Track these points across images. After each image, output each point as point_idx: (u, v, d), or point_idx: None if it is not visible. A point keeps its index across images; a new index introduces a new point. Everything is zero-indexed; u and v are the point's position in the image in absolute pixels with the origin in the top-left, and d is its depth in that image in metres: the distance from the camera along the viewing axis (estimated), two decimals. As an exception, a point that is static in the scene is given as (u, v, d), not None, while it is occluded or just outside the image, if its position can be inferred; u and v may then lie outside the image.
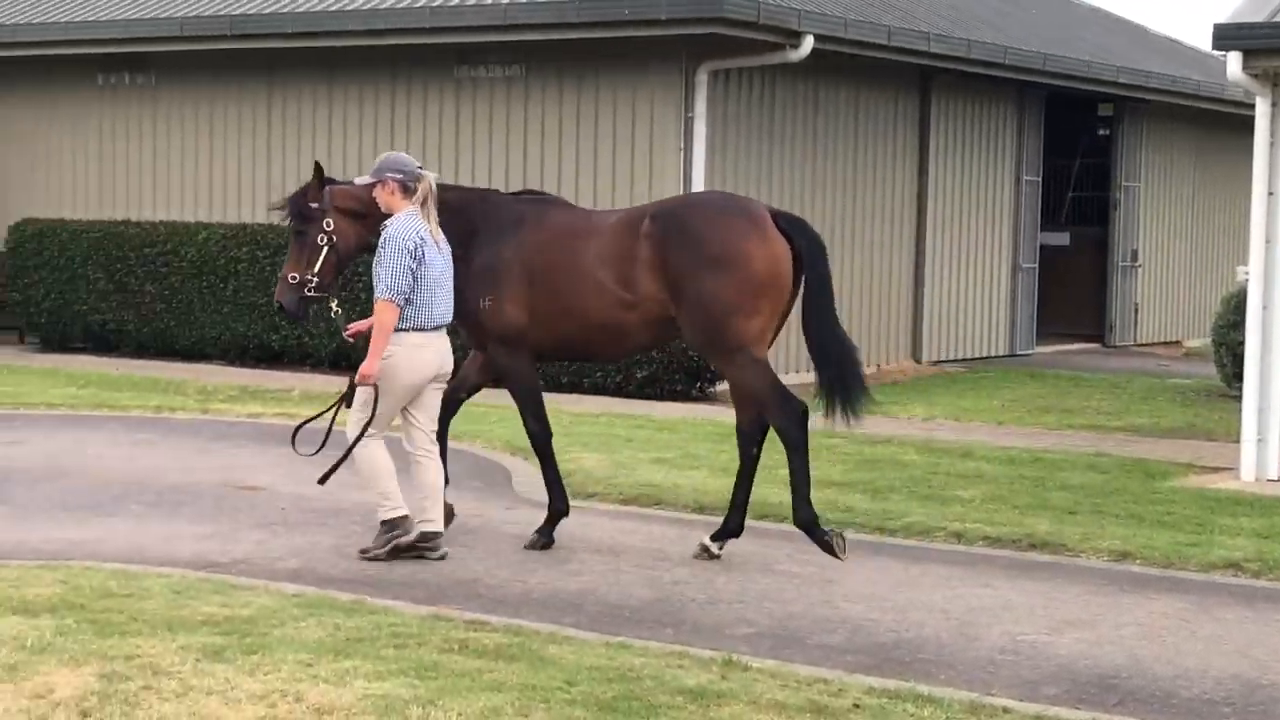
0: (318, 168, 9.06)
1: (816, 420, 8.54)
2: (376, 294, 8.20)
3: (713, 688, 5.89)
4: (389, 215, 8.38)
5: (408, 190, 8.35)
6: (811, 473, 8.49)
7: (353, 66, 17.57)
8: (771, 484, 10.50)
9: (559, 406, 14.23)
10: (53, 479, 10.38)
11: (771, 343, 8.69)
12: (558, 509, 8.84)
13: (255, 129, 18.33)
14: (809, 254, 8.54)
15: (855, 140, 18.12)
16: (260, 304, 17.28)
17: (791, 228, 8.58)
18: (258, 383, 15.99)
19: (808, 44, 15.57)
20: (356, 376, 8.23)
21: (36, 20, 18.96)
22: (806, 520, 8.42)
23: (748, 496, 8.66)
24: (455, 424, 9.26)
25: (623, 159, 16.11)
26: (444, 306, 8.35)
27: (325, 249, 8.73)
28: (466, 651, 6.26)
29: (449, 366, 8.48)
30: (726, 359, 8.52)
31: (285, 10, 17.21)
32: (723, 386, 15.86)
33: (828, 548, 8.35)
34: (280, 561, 8.14)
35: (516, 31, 16.02)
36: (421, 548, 8.25)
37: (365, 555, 8.29)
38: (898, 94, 18.63)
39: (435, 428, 8.53)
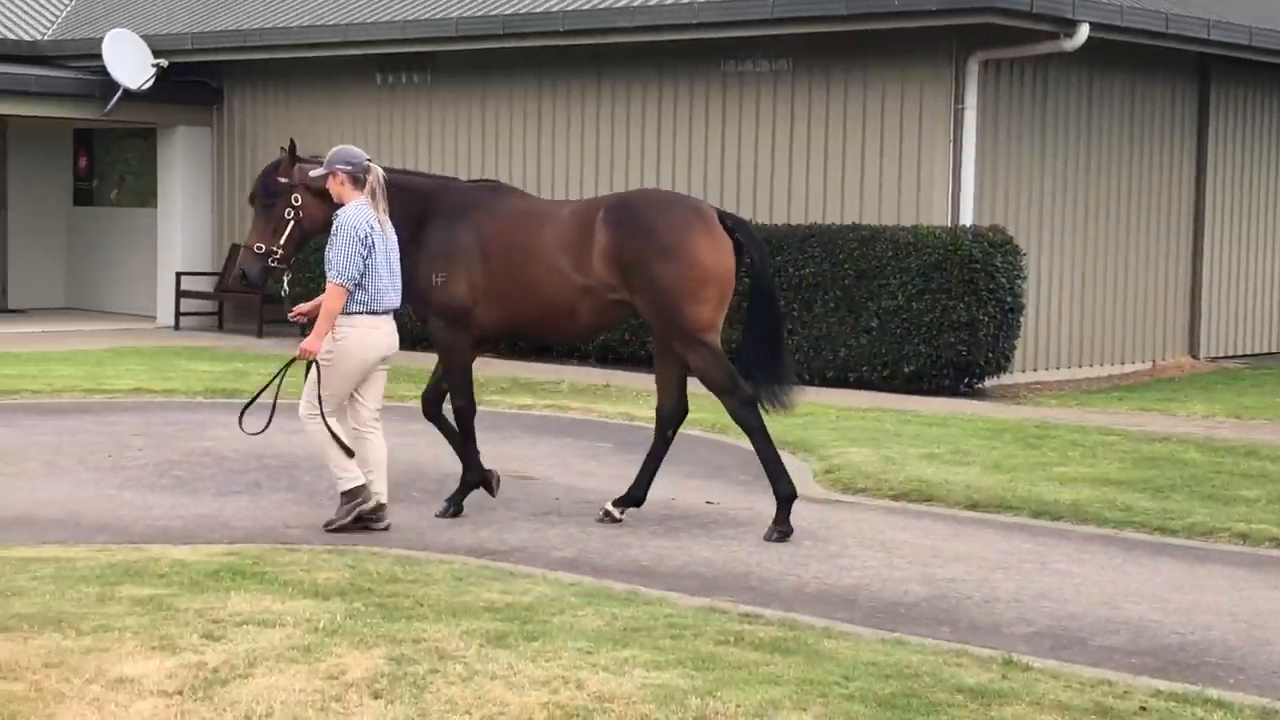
0: (291, 144, 9.64)
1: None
2: (329, 278, 8.59)
3: (993, 687, 5.81)
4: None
5: (357, 181, 8.80)
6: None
7: (620, 63, 17.76)
8: (1050, 481, 10.33)
9: (824, 400, 14.21)
10: (336, 467, 10.72)
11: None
12: (470, 480, 9.31)
13: (526, 126, 18.66)
14: (758, 256, 9.20)
15: (1130, 130, 17.67)
16: (530, 298, 17.59)
17: (736, 226, 9.17)
18: (527, 375, 16.28)
19: (1083, 33, 15.23)
20: (298, 351, 8.71)
21: (318, 23, 19.59)
22: (787, 494, 8.86)
23: (654, 473, 9.26)
24: (719, 418, 9.32)
25: (890, 152, 15.98)
26: (393, 292, 8.83)
27: (291, 223, 9.23)
28: (742, 644, 6.28)
29: (396, 349, 8.96)
30: (685, 344, 9.01)
31: (556, 9, 17.48)
32: (993, 382, 15.65)
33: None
34: (555, 550, 8.28)
35: (784, 25, 15.99)
36: (369, 519, 8.64)
37: (330, 527, 8.64)
38: (1174, 83, 18.11)
39: (380, 406, 9.01)
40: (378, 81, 19.92)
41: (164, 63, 20.74)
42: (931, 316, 15.03)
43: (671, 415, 9.31)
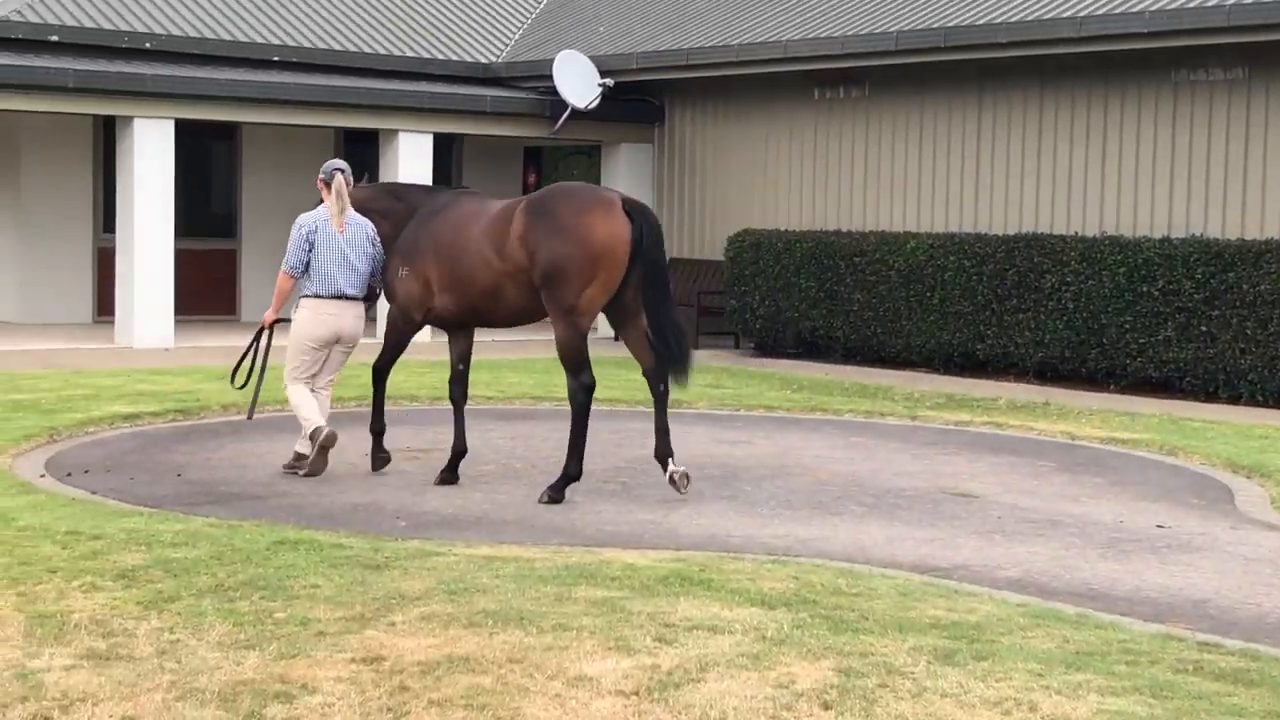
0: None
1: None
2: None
3: None
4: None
5: (326, 185, 10.58)
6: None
7: (1063, 74, 17.41)
8: None
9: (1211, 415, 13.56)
10: (776, 477, 10.87)
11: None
12: (457, 450, 10.48)
13: (964, 139, 18.50)
14: (646, 240, 9.77)
15: None
16: (966, 313, 17.44)
17: (634, 212, 9.81)
18: (964, 391, 16.13)
19: None
20: (261, 321, 10.86)
21: (758, 40, 19.89)
22: (574, 473, 9.88)
23: (665, 423, 10.10)
24: (1170, 438, 9.05)
25: (1355, 162, 15.15)
26: (344, 280, 10.44)
27: None
28: (1201, 673, 6.07)
29: (348, 332, 10.52)
30: (558, 315, 9.88)
31: (998, 20, 17.26)
32: None
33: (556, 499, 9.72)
34: (1000, 570, 8.17)
35: (1240, 34, 15.38)
36: (324, 446, 10.32)
37: (292, 468, 10.55)
38: None
39: (333, 378, 10.73)
40: (815, 96, 20.09)
41: (610, 82, 21.45)
42: (1399, 337, 14.17)
43: (655, 371, 10.10)
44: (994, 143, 18.22)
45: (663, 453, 10.07)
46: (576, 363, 9.99)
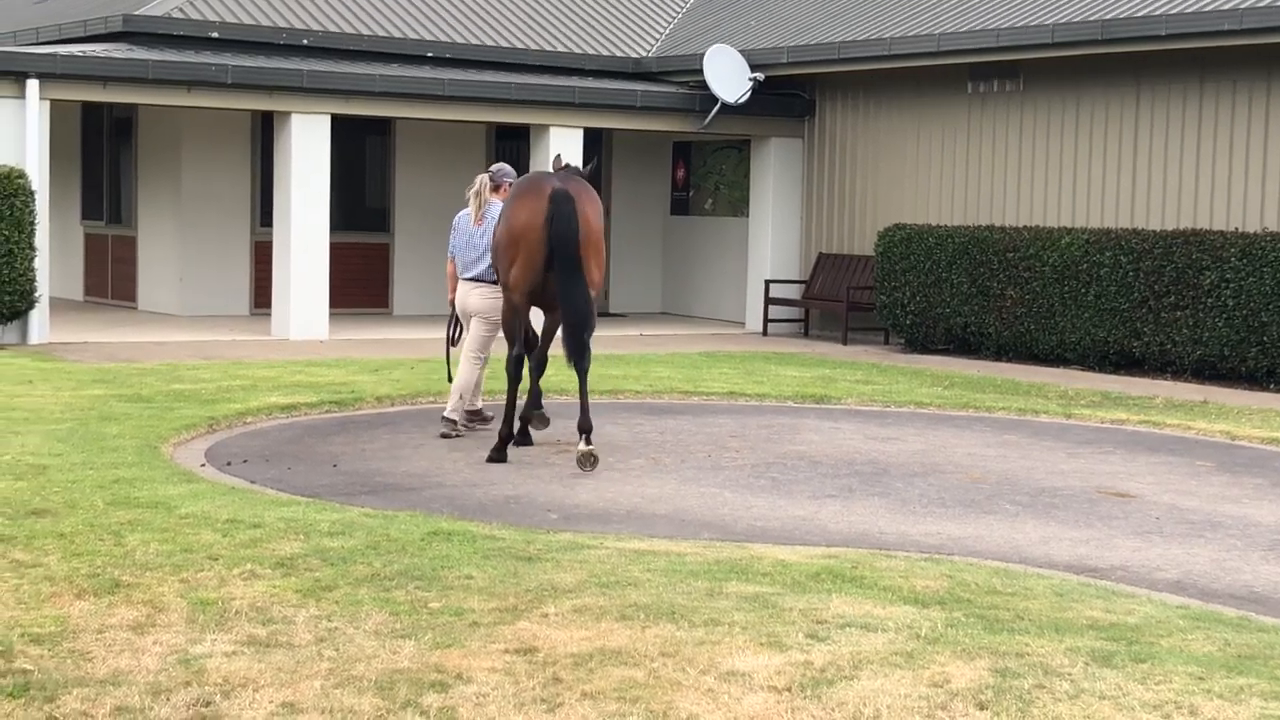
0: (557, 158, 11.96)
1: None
2: None
3: None
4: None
5: (495, 187, 11.97)
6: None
7: (1224, 67, 17.05)
8: None
9: None
10: (927, 474, 10.78)
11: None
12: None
13: (1121, 133, 18.19)
14: (555, 225, 10.60)
15: None
16: (1122, 309, 17.15)
17: (554, 199, 10.66)
18: (1119, 389, 15.87)
19: None
20: None
21: (910, 33, 19.73)
22: (505, 435, 11.02)
23: (583, 399, 10.79)
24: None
25: None
26: (467, 265, 11.87)
27: None
28: (1369, 680, 5.91)
29: (471, 308, 11.89)
30: (503, 293, 11.15)
31: (1158, 13, 16.95)
32: None
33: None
34: (1159, 571, 8.03)
35: None
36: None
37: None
38: None
39: (475, 352, 11.89)
40: (968, 90, 19.88)
41: (760, 76, 21.40)
42: None
43: (565, 353, 10.86)
44: (1152, 137, 17.89)
45: (580, 426, 10.74)
46: (508, 335, 11.22)
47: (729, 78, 21.30)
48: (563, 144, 20.62)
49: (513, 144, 23.09)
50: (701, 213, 24.44)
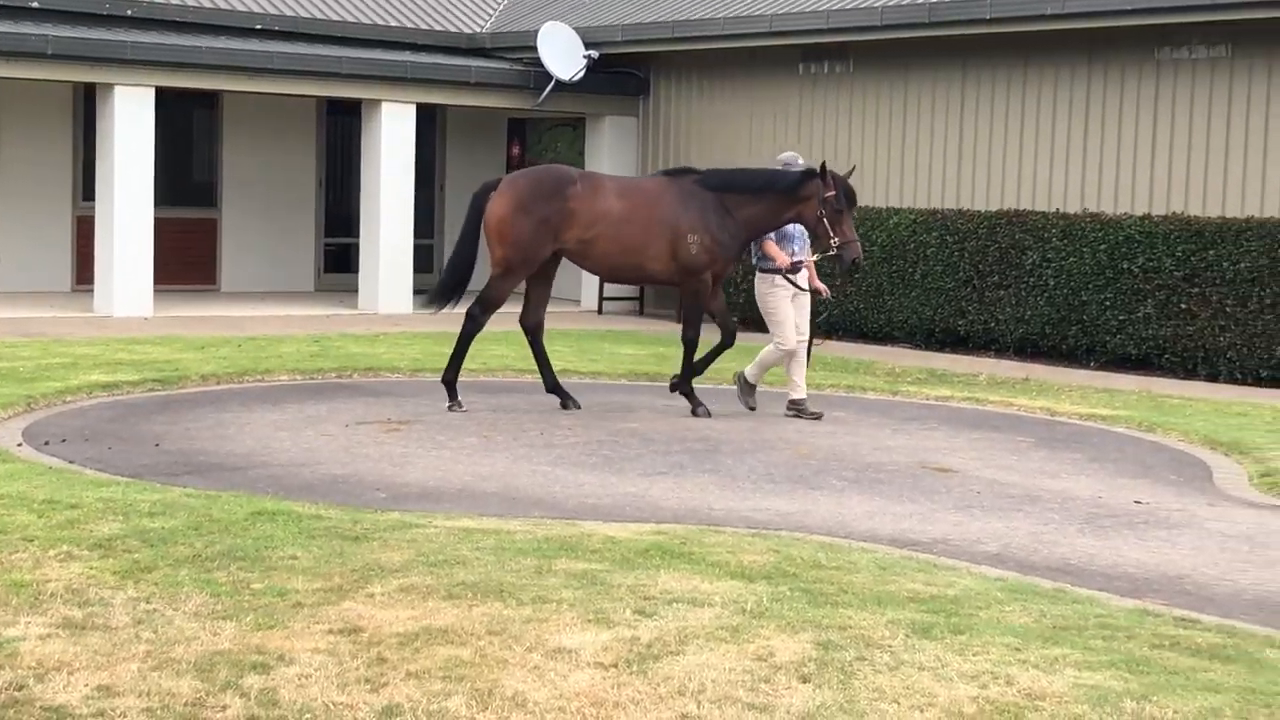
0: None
1: None
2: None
3: None
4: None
5: None
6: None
7: (1048, 51, 17.40)
8: None
9: (1260, 400, 13.62)
10: (757, 451, 10.87)
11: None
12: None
13: (948, 115, 18.49)
14: (471, 214, 12.87)
15: None
16: (947, 289, 17.45)
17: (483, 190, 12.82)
18: (945, 366, 16.14)
19: None
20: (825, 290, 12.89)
21: (744, 14, 19.85)
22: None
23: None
24: (1149, 415, 9.15)
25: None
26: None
27: None
28: (1178, 649, 6.08)
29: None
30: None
31: (982, -4, 17.26)
32: None
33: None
34: (979, 544, 8.19)
35: (1225, 11, 15.38)
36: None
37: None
38: None
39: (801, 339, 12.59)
40: (800, 71, 20.06)
41: (595, 54, 21.39)
42: (1379, 316, 14.21)
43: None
44: (977, 119, 18.21)
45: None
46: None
47: (564, 55, 21.25)
48: (396, 119, 20.42)
49: (345, 119, 22.83)
50: (535, 190, 24.31)
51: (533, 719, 5.17)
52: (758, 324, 13.38)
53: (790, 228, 12.36)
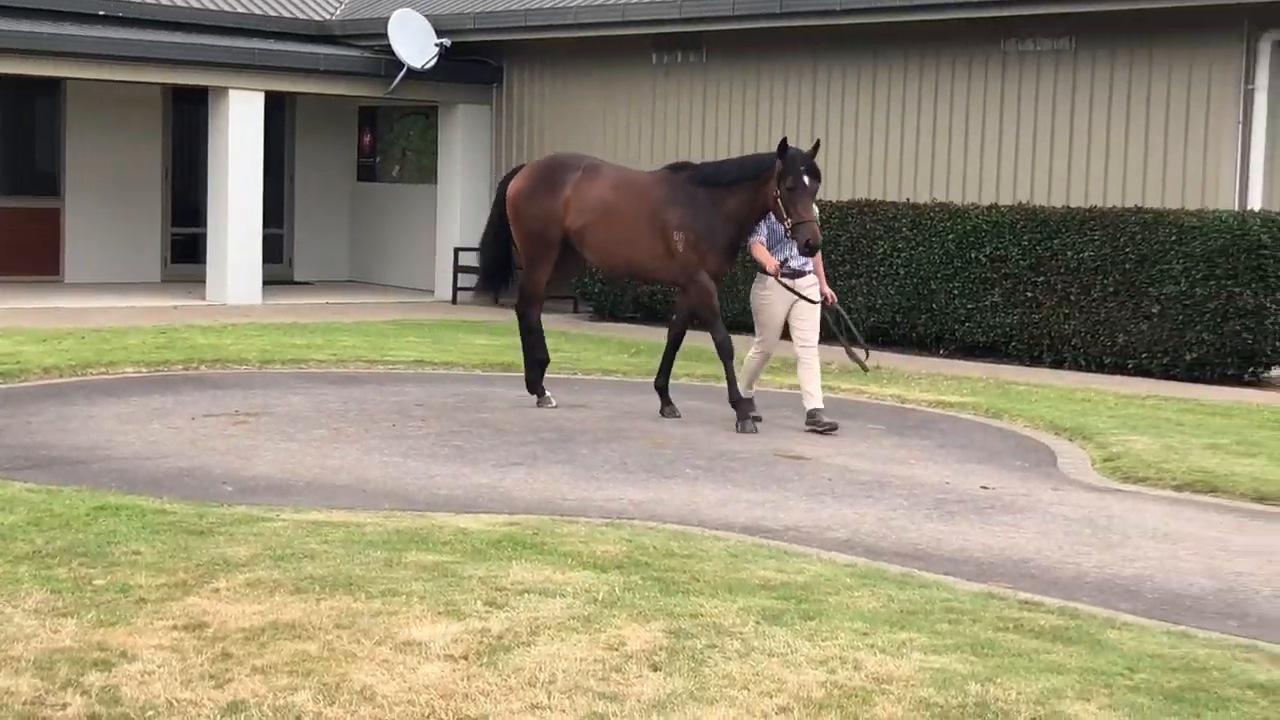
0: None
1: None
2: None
3: (1286, 685, 5.62)
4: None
5: None
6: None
7: (898, 43, 17.59)
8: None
9: (1103, 387, 13.92)
10: (611, 440, 10.88)
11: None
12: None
13: (800, 106, 18.63)
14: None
15: None
16: (801, 278, 17.58)
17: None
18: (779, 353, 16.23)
19: (1385, 9, 14.58)
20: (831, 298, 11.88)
21: (596, 3, 19.83)
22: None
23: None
24: (996, 401, 9.32)
25: (1175, 134, 15.54)
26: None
27: None
28: (1022, 631, 6.19)
29: None
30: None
31: (833, -13, 17.40)
32: (1278, 372, 15.10)
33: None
34: (829, 531, 8.27)
35: (1068, 3, 15.67)
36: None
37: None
38: None
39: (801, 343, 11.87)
40: (653, 61, 20.09)
41: (447, 42, 21.24)
42: (1216, 303, 14.56)
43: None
44: (829, 111, 18.37)
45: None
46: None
47: (415, 43, 21.08)
48: (243, 108, 20.11)
49: (192, 107, 22.44)
50: (389, 180, 24.18)
51: (381, 712, 5.12)
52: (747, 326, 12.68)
53: (778, 230, 11.56)
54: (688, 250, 11.74)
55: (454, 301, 21.64)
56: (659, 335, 17.83)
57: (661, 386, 12.22)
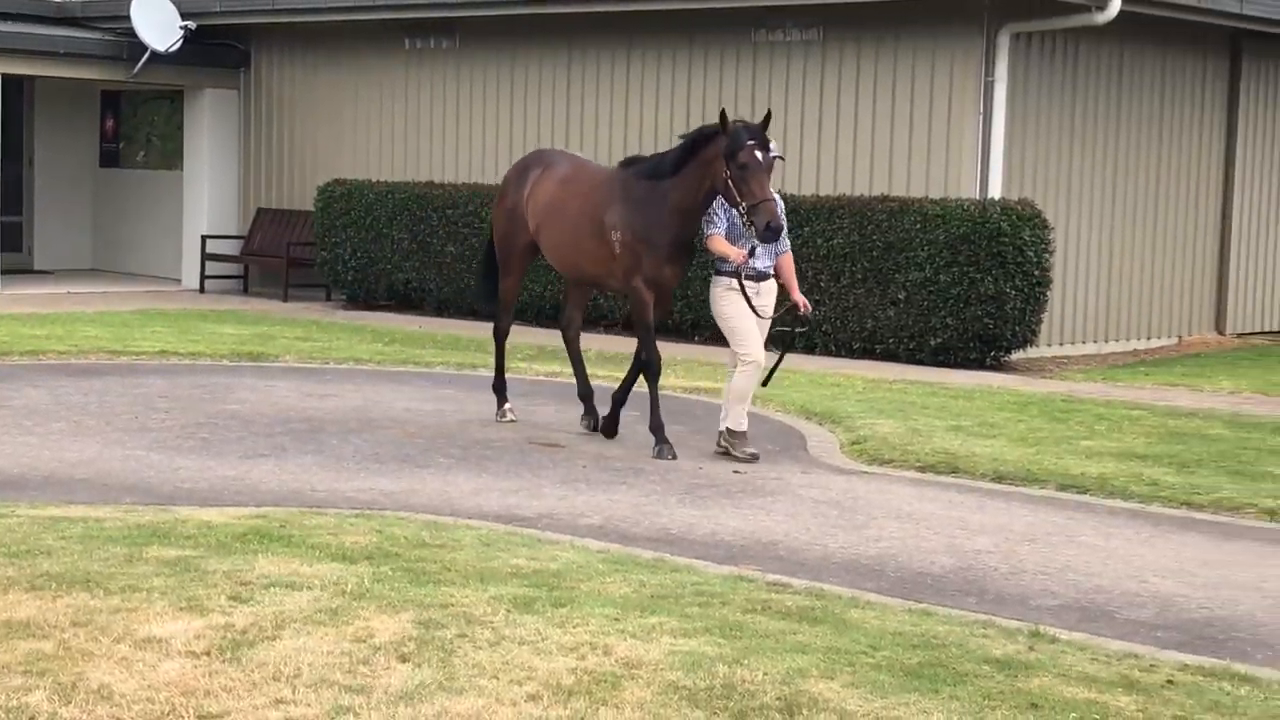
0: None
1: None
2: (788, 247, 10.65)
3: (1020, 658, 5.80)
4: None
5: None
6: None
7: (651, 31, 17.70)
8: (1076, 455, 10.31)
9: (851, 371, 14.22)
10: (362, 430, 10.74)
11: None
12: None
13: (555, 93, 18.62)
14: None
15: (1160, 106, 17.58)
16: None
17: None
18: (555, 343, 16.23)
19: (1114, 6, 15.13)
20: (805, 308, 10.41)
21: (347, -13, 19.56)
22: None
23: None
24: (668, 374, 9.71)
25: (920, 123, 15.92)
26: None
27: None
28: (769, 612, 6.28)
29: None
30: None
31: (586, -25, 17.44)
32: (1019, 356, 15.61)
33: None
34: (582, 518, 8.28)
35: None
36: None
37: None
38: (1205, 57, 18.01)
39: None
40: (405, 46, 19.89)
41: (192, 25, 20.73)
42: (959, 289, 14.98)
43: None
44: (583, 99, 18.39)
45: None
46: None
47: (159, 25, 20.51)
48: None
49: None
50: (134, 165, 23.52)
51: (119, 711, 4.97)
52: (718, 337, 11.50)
53: (738, 222, 10.11)
54: (624, 252, 10.36)
55: (202, 290, 21.16)
56: (414, 323, 17.71)
57: (583, 394, 11.21)
